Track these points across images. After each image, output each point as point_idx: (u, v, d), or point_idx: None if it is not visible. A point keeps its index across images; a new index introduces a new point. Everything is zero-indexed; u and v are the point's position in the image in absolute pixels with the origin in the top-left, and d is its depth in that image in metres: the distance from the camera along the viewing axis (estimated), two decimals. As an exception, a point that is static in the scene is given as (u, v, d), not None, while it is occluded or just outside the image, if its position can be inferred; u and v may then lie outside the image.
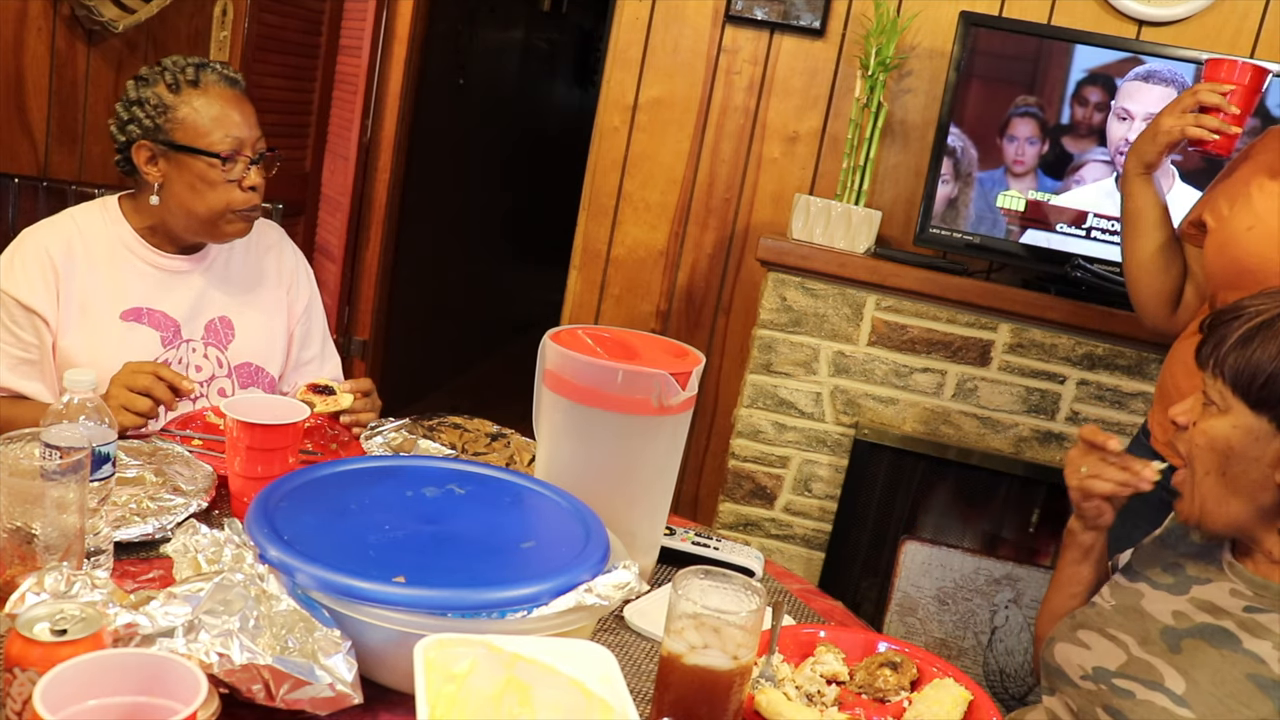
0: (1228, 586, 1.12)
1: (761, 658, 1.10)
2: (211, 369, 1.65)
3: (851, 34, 2.74)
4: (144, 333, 1.60)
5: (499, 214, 4.99)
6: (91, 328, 1.56)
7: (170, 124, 1.54)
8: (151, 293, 1.61)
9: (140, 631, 0.84)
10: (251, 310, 1.71)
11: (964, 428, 2.50)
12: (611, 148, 2.90)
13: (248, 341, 1.69)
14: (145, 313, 1.60)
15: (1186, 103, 1.55)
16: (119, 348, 1.56)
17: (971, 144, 2.49)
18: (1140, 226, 1.64)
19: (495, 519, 1.11)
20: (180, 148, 1.54)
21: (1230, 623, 1.09)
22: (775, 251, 2.47)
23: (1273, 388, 1.05)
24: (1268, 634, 1.06)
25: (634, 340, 1.30)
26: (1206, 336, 1.13)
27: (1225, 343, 1.09)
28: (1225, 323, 1.11)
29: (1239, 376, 1.07)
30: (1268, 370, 1.05)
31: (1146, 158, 1.61)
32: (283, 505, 1.04)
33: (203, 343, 1.64)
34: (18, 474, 0.96)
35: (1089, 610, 1.23)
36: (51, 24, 2.20)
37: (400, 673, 0.93)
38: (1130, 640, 1.15)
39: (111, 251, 1.60)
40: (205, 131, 1.54)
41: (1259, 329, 1.07)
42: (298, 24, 3.03)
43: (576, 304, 2.99)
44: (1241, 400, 1.07)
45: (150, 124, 1.55)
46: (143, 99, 1.56)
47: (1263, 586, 1.10)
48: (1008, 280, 2.56)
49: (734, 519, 2.63)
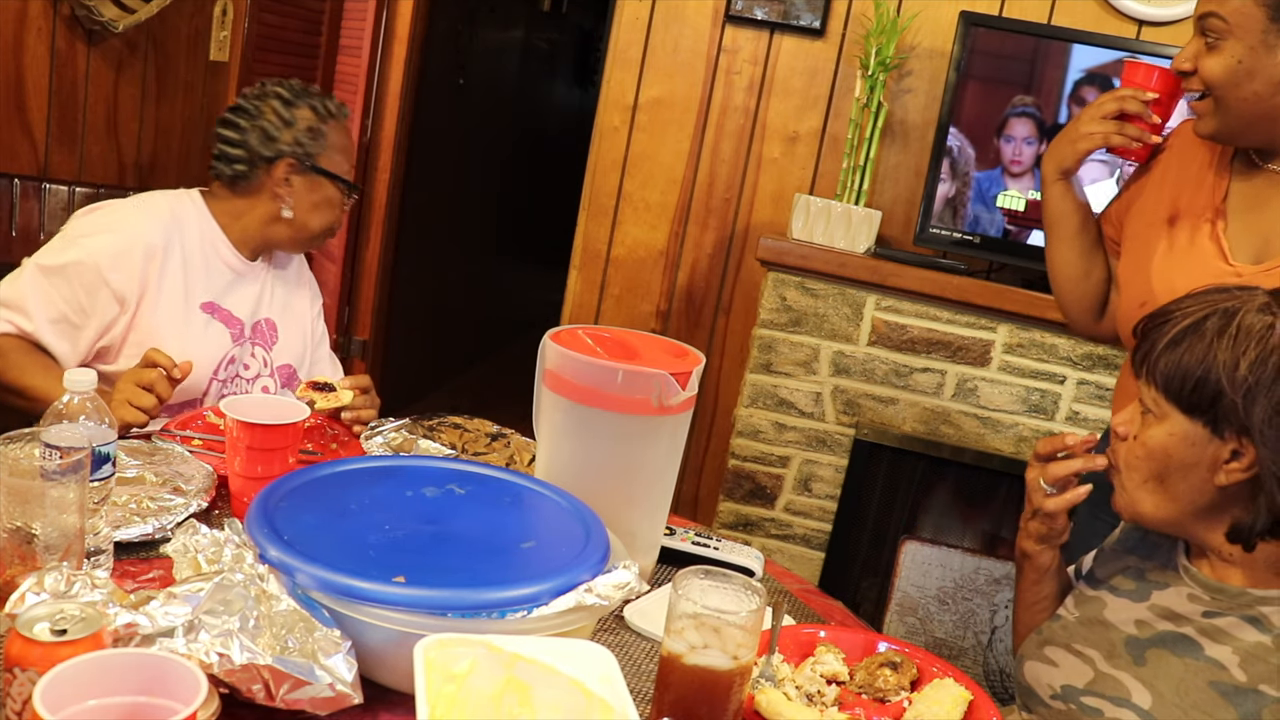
0: (1186, 591, 1.12)
1: (761, 658, 1.10)
2: (258, 368, 1.74)
3: (851, 34, 2.74)
4: (218, 328, 1.68)
5: (499, 214, 4.99)
6: (177, 312, 1.63)
7: (318, 149, 1.68)
8: (223, 290, 1.70)
9: (140, 631, 0.84)
10: (289, 314, 1.81)
11: (964, 428, 2.50)
12: (611, 148, 2.90)
13: (288, 344, 1.79)
14: (218, 308, 1.69)
15: (1108, 108, 1.47)
16: (197, 336, 1.64)
17: (968, 143, 2.49)
18: (1059, 232, 1.57)
19: (495, 519, 1.11)
20: (324, 172, 1.69)
21: (1191, 629, 1.09)
22: (775, 251, 2.47)
23: (1203, 390, 1.03)
24: (1227, 638, 1.06)
25: (634, 340, 1.30)
26: (1139, 342, 1.11)
27: (1156, 348, 1.07)
28: (1155, 327, 1.09)
29: (1170, 381, 1.05)
30: (1196, 373, 1.03)
31: (1065, 164, 1.52)
32: (283, 505, 1.04)
33: (251, 343, 1.74)
34: (18, 474, 0.96)
35: (1054, 625, 1.23)
36: (51, 24, 2.20)
37: (400, 673, 0.93)
38: (1096, 655, 1.15)
39: (200, 244, 1.67)
40: (340, 162, 1.71)
41: (1187, 332, 1.05)
42: (298, 24, 3.03)
43: (576, 304, 2.99)
44: (1175, 405, 1.05)
45: (301, 149, 1.67)
46: (292, 120, 1.66)
47: (1219, 590, 1.09)
48: (1008, 280, 2.56)
49: (734, 519, 2.63)
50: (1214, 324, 1.04)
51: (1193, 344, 1.04)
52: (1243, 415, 1.01)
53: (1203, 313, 1.05)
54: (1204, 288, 1.12)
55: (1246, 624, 1.06)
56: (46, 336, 1.56)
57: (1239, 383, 1.00)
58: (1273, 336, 1.01)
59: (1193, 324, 1.05)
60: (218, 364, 1.67)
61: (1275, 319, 1.02)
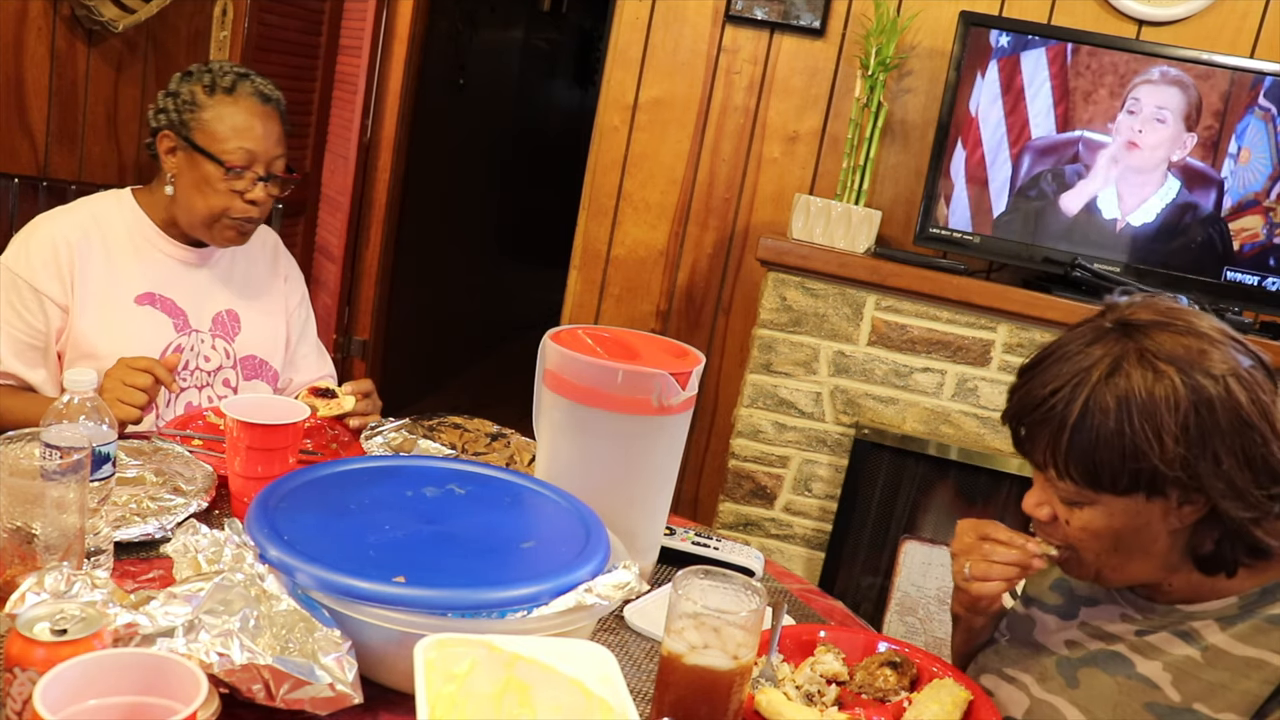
0: (1117, 611, 1.11)
1: (761, 658, 1.10)
2: (219, 360, 1.70)
3: (851, 34, 2.74)
4: (157, 317, 1.64)
5: (499, 214, 4.99)
6: (107, 310, 1.60)
7: (195, 122, 1.59)
8: (163, 280, 1.66)
9: (140, 631, 0.84)
10: (256, 306, 1.76)
11: (964, 428, 2.50)
12: (611, 147, 2.90)
13: (253, 335, 1.74)
14: (158, 298, 1.65)
15: None
16: (134, 330, 1.61)
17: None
18: None
19: (495, 519, 1.11)
20: (196, 147, 1.59)
21: (1122, 646, 1.08)
22: (775, 251, 2.47)
23: (1137, 475, 0.97)
24: (1157, 653, 1.05)
25: (634, 340, 1.30)
26: (1027, 437, 1.04)
27: (1058, 444, 1.00)
28: (1039, 419, 1.01)
29: (1093, 474, 0.99)
30: (1123, 463, 0.97)
31: None
32: (283, 505, 1.04)
33: (211, 334, 1.69)
34: (18, 474, 0.96)
35: (989, 651, 1.22)
36: (51, 24, 2.20)
37: (400, 673, 0.93)
38: (1029, 680, 1.14)
39: (127, 238, 1.64)
40: (223, 139, 1.59)
41: (1083, 417, 0.98)
42: (298, 24, 3.03)
43: (576, 304, 2.99)
44: (1105, 492, 1.00)
45: (178, 117, 1.60)
46: (178, 92, 1.61)
47: (1148, 608, 1.08)
48: (1008, 280, 2.56)
49: (734, 519, 2.63)
50: (1107, 400, 0.97)
51: (1099, 431, 0.97)
52: (1187, 480, 0.96)
53: (1083, 388, 0.98)
54: (1047, 347, 1.05)
55: (1177, 638, 1.04)
56: (19, 370, 1.57)
57: (1173, 459, 0.95)
58: (1176, 393, 0.95)
59: (1083, 407, 0.98)
60: (160, 354, 1.62)
61: (1158, 368, 0.97)
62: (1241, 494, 0.96)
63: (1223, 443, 0.95)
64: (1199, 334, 0.99)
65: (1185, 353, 0.97)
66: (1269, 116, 2.36)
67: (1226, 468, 0.96)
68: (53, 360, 1.59)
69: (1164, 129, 2.40)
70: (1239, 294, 2.44)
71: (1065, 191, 2.47)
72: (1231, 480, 0.96)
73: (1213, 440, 0.95)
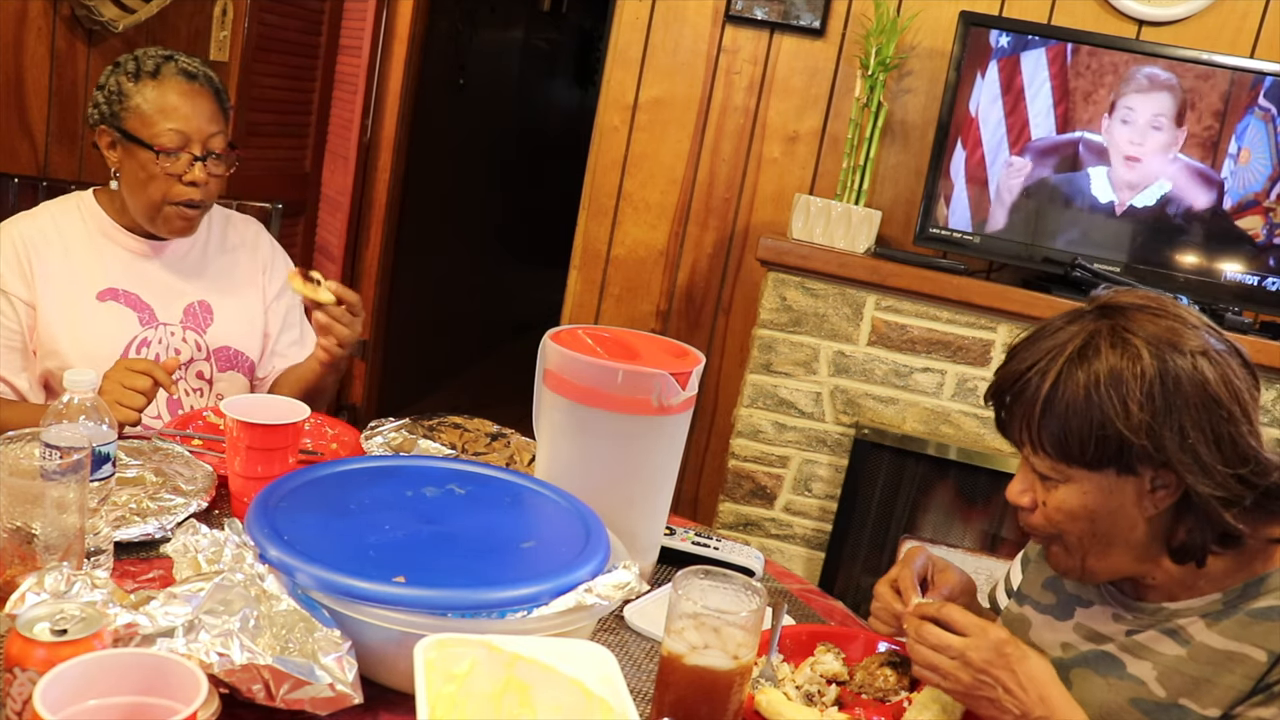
0: (1109, 612, 1.11)
1: (761, 658, 1.10)
2: (190, 352, 1.68)
3: (851, 34, 2.74)
4: (121, 312, 1.63)
5: (499, 214, 4.99)
6: (68, 308, 1.59)
7: (124, 112, 1.57)
8: (125, 275, 1.64)
9: (140, 631, 0.84)
10: (231, 297, 1.73)
11: (964, 428, 2.50)
12: (611, 147, 2.90)
13: (226, 326, 1.71)
14: (121, 293, 1.63)
15: None
16: (97, 327, 1.60)
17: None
18: None
19: (495, 519, 1.11)
20: (130, 136, 1.57)
21: (1112, 646, 1.08)
22: (775, 251, 2.47)
23: (1104, 446, 0.98)
24: (1147, 653, 1.05)
25: (634, 340, 1.30)
26: (1005, 414, 1.06)
27: (1031, 417, 1.01)
28: (1016, 393, 1.03)
29: (1064, 447, 1.00)
30: (1090, 432, 0.98)
31: None
32: (283, 505, 1.04)
33: (181, 326, 1.67)
34: (18, 474, 0.96)
35: None
36: (51, 24, 2.20)
37: (400, 673, 0.93)
38: None
39: (87, 236, 1.63)
40: (151, 123, 1.55)
41: (1055, 389, 0.99)
42: (298, 24, 3.03)
43: (576, 304, 2.99)
44: (1077, 467, 1.01)
45: (108, 110, 1.58)
46: (106, 84, 1.59)
47: (1136, 608, 1.08)
48: (1008, 280, 2.56)
49: (734, 519, 2.63)
50: (1078, 373, 0.99)
51: (1069, 402, 0.99)
52: (1153, 452, 0.97)
53: (1056, 362, 1.00)
54: (1030, 333, 1.06)
55: (1165, 637, 1.05)
56: (8, 378, 1.57)
57: (1138, 426, 0.96)
58: (1142, 364, 0.97)
59: (1055, 379, 1.00)
60: (125, 348, 1.61)
61: (1129, 342, 0.98)
62: (1208, 470, 0.97)
63: (1189, 415, 0.97)
64: (1176, 317, 1.01)
65: (1158, 330, 0.99)
66: (1269, 117, 2.36)
67: (1193, 441, 0.97)
68: (33, 361, 1.59)
69: (1160, 135, 2.41)
70: (1238, 294, 2.44)
71: (1065, 191, 2.47)
72: (1198, 454, 0.97)
73: (1178, 412, 0.97)
